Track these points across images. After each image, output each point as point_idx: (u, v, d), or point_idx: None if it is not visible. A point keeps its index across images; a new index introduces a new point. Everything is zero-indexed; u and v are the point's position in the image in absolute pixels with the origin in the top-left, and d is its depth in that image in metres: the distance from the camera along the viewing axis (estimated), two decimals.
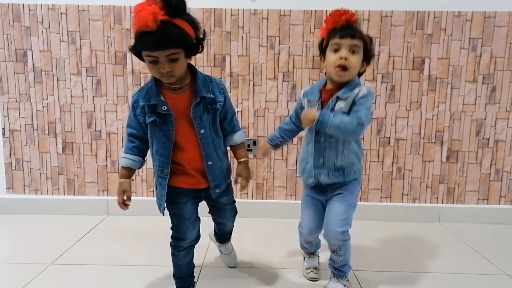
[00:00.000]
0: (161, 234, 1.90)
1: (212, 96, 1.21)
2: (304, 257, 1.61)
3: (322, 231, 1.39)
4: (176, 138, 1.20)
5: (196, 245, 1.34)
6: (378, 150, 2.18)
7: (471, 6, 2.06)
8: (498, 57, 2.09)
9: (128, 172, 1.26)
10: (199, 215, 1.32)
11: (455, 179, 2.19)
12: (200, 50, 1.18)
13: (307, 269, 1.55)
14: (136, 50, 1.13)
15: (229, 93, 1.35)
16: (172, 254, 1.30)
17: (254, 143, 2.16)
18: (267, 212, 2.20)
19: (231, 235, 1.57)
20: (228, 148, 1.36)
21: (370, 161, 2.19)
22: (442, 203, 2.21)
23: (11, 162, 2.20)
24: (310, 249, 1.57)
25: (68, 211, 2.19)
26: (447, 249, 1.84)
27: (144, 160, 1.28)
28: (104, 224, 2.08)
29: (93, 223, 2.07)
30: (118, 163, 2.18)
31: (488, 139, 2.16)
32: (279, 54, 2.11)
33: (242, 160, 1.33)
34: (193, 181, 1.27)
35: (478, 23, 2.07)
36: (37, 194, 2.23)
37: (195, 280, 1.38)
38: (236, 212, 1.46)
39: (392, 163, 2.19)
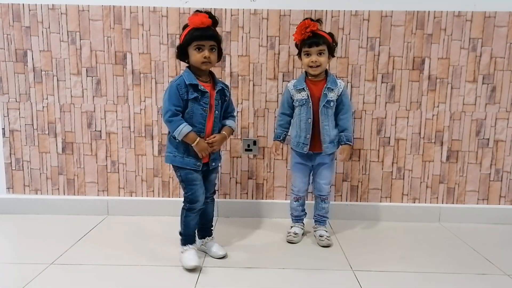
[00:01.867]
0: (161, 234, 1.92)
1: (226, 89, 1.66)
2: (291, 226, 1.94)
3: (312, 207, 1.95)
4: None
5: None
6: (378, 150, 2.18)
7: (471, 6, 2.06)
8: (498, 57, 2.10)
9: (195, 133, 1.55)
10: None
11: (455, 179, 2.20)
12: (220, 58, 1.63)
13: (288, 233, 1.89)
14: (188, 41, 1.52)
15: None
16: (185, 217, 1.61)
17: (254, 143, 2.16)
18: (267, 212, 2.20)
19: (212, 228, 1.77)
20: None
21: (370, 161, 2.19)
22: (442, 203, 2.21)
23: (11, 162, 2.20)
24: (297, 212, 1.93)
25: (68, 211, 2.19)
26: (447, 249, 1.84)
27: None
28: (104, 224, 2.08)
29: (93, 223, 2.07)
30: (118, 163, 2.19)
31: (488, 139, 2.16)
32: (279, 54, 2.11)
33: (223, 132, 1.65)
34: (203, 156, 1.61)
35: (478, 23, 2.07)
36: (37, 194, 2.23)
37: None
38: (215, 191, 1.78)
39: (392, 163, 2.19)
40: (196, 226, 1.67)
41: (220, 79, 1.69)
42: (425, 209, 2.20)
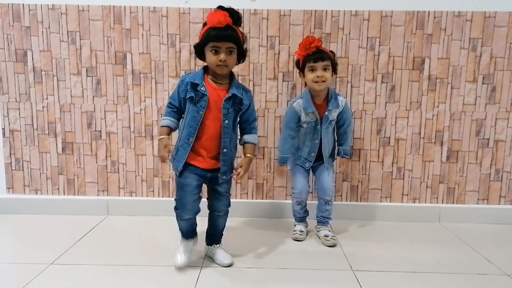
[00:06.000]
0: (161, 234, 1.92)
1: (241, 97, 1.51)
2: (295, 224, 1.95)
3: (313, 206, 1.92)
4: (205, 124, 1.48)
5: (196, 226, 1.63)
6: (378, 150, 2.18)
7: (471, 6, 2.06)
8: (498, 57, 2.10)
9: (167, 131, 1.52)
10: (201, 195, 1.57)
11: (455, 179, 2.20)
12: (243, 59, 1.53)
13: (294, 231, 1.91)
14: (204, 42, 1.44)
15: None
16: (176, 218, 1.56)
17: None
18: (267, 212, 2.20)
19: (221, 237, 1.69)
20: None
21: (370, 161, 2.19)
22: (442, 203, 2.21)
23: (11, 162, 2.20)
24: (300, 214, 1.94)
25: (68, 211, 2.19)
26: (447, 249, 1.84)
27: (178, 123, 1.54)
28: (104, 224, 2.08)
29: (93, 223, 2.07)
30: (118, 163, 2.19)
31: (488, 139, 2.16)
32: (279, 54, 2.11)
33: (248, 155, 1.58)
34: (205, 163, 1.52)
35: (478, 23, 2.07)
36: (37, 194, 2.23)
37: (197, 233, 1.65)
38: (229, 203, 1.65)
39: (392, 163, 2.19)
40: (194, 225, 1.62)
41: (243, 85, 1.58)
42: (425, 209, 2.20)
